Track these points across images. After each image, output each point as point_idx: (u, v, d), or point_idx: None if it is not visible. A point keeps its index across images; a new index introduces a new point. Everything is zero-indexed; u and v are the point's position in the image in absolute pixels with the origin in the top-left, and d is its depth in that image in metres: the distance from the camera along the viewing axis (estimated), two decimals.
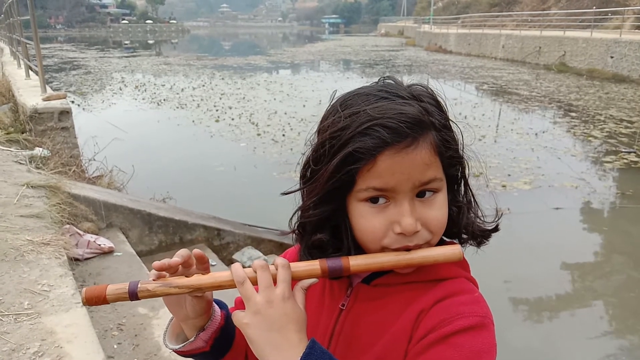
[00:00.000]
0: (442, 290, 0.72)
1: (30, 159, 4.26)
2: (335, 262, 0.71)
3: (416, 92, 0.73)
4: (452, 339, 0.66)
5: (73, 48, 39.31)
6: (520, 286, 4.23)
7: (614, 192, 6.41)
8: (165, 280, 0.72)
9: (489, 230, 0.79)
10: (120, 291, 0.71)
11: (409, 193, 0.69)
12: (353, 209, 0.73)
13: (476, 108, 11.91)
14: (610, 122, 10.05)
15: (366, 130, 0.67)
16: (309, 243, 0.76)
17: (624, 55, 16.59)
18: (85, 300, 0.71)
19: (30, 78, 7.20)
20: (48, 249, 2.63)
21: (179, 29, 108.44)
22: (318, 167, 0.73)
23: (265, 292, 0.67)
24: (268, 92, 14.30)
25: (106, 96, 14.14)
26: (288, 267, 0.69)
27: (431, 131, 0.70)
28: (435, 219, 0.71)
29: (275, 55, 31.57)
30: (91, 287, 0.72)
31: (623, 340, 3.57)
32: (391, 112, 0.68)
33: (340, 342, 0.78)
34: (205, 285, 0.72)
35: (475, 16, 35.04)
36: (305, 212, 0.76)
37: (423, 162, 0.69)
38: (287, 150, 8.05)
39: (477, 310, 0.69)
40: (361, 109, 0.69)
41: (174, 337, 0.82)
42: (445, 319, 0.68)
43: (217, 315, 0.82)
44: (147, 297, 0.71)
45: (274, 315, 0.66)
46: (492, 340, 0.68)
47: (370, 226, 0.71)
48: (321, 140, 0.73)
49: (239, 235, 4.33)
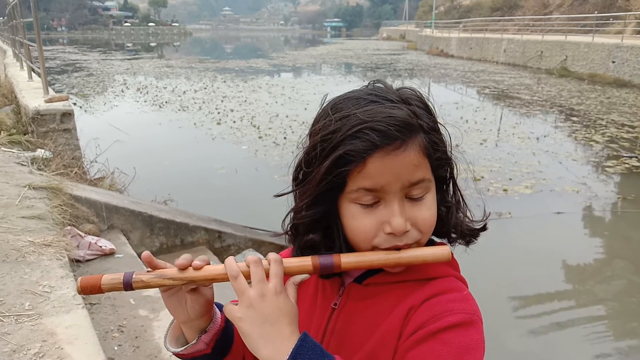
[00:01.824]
0: (431, 288, 0.74)
1: (32, 160, 4.27)
2: (327, 259, 0.72)
3: (405, 96, 0.75)
4: (441, 335, 0.67)
5: (75, 50, 39.44)
6: (520, 290, 4.22)
7: (615, 197, 6.39)
8: (160, 271, 0.73)
9: (477, 230, 0.81)
10: (115, 281, 0.72)
11: (398, 193, 0.71)
12: (344, 210, 0.74)
13: (477, 112, 11.91)
14: (612, 127, 10.04)
15: (356, 134, 0.69)
16: (301, 244, 0.78)
17: (626, 60, 16.60)
18: (80, 289, 0.72)
19: (32, 80, 7.22)
20: (49, 250, 2.63)
21: (181, 32, 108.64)
22: (310, 170, 0.74)
23: (258, 286, 0.68)
24: (270, 95, 14.33)
25: (108, 98, 14.17)
26: (280, 262, 0.71)
27: (419, 134, 0.72)
28: (424, 219, 0.73)
29: (277, 59, 31.62)
30: (86, 276, 0.73)
31: (623, 344, 3.56)
32: (380, 116, 0.70)
33: (332, 340, 0.79)
34: (199, 277, 0.72)
35: (476, 20, 35.10)
36: (297, 214, 0.78)
37: (412, 164, 0.70)
38: (288, 153, 8.05)
39: (466, 308, 0.70)
40: (351, 113, 0.71)
41: (175, 340, 0.82)
42: (434, 316, 0.69)
43: (218, 317, 0.82)
44: (141, 287, 0.72)
45: (266, 308, 0.67)
46: (480, 337, 0.69)
47: (361, 226, 0.72)
48: (313, 143, 0.74)
49: (239, 237, 4.33)
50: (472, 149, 8.20)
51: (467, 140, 8.70)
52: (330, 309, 0.81)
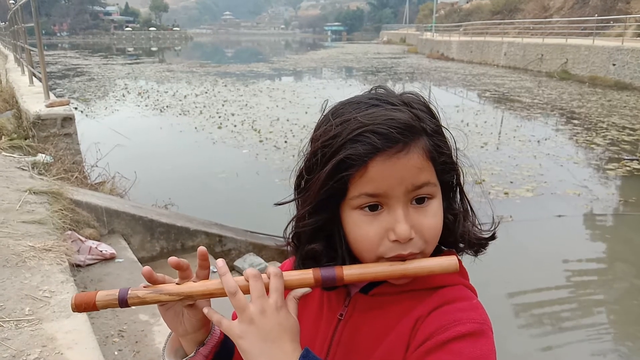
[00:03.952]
0: (439, 297, 0.72)
1: (32, 165, 4.27)
2: (329, 272, 0.70)
3: (407, 99, 0.73)
4: (450, 346, 0.65)
5: (77, 55, 39.54)
6: (521, 293, 4.21)
7: (616, 200, 6.38)
8: (156, 287, 0.71)
9: (486, 239, 0.79)
10: (109, 297, 0.70)
11: (402, 198, 0.69)
12: (347, 218, 0.72)
13: (478, 115, 11.91)
14: (613, 130, 10.03)
15: (357, 137, 0.67)
16: (303, 253, 0.76)
17: (626, 63, 16.60)
18: (75, 306, 0.70)
19: (33, 85, 7.24)
20: (50, 255, 2.62)
21: (182, 36, 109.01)
22: (311, 176, 0.73)
23: (259, 301, 0.66)
24: (270, 99, 14.34)
25: (109, 103, 14.20)
26: (281, 276, 0.69)
27: (422, 136, 0.70)
28: (429, 227, 0.71)
29: (277, 63, 31.68)
30: (80, 293, 0.71)
31: (626, 348, 3.54)
32: (381, 118, 0.68)
33: (338, 352, 0.78)
34: (196, 293, 0.71)
35: (477, 24, 35.15)
36: (299, 222, 0.76)
37: (415, 167, 0.68)
38: (289, 157, 8.05)
39: (475, 317, 0.68)
40: (352, 117, 0.70)
41: (173, 353, 0.82)
42: (442, 326, 0.67)
43: (217, 330, 0.81)
44: (137, 304, 0.70)
45: (267, 325, 0.65)
46: (491, 347, 0.67)
47: (365, 234, 0.70)
48: (313, 149, 0.73)
49: (240, 242, 4.33)
50: (473, 152, 8.19)
51: (467, 142, 8.69)
52: (336, 319, 0.79)
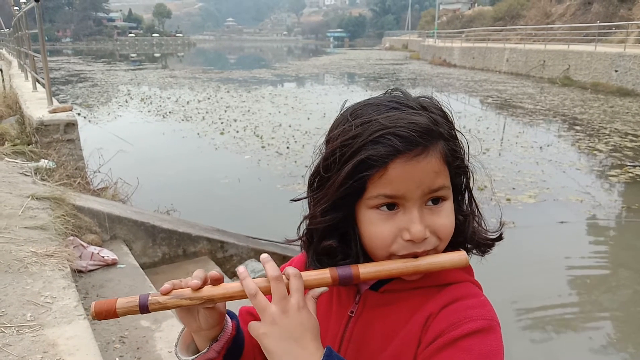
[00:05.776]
0: (449, 294, 0.74)
1: (35, 170, 4.28)
2: (345, 270, 0.72)
3: (424, 104, 0.76)
4: (461, 342, 0.67)
5: (80, 61, 39.75)
6: (524, 300, 4.19)
7: (619, 206, 6.36)
8: (176, 292, 0.72)
9: (493, 240, 0.81)
10: (130, 304, 0.70)
11: (418, 200, 0.71)
12: (362, 216, 0.74)
13: (480, 121, 11.92)
14: (615, 136, 10.02)
15: (378, 139, 0.69)
16: (317, 249, 0.77)
17: (629, 69, 16.60)
18: (95, 314, 0.70)
19: (37, 90, 7.27)
20: (52, 260, 2.62)
21: (185, 43, 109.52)
22: (328, 175, 0.74)
23: (281, 302, 0.68)
24: (273, 105, 14.38)
25: (112, 108, 14.25)
26: (300, 276, 0.70)
27: (440, 141, 0.72)
28: (443, 226, 0.73)
29: (280, 69, 31.78)
30: (100, 301, 0.71)
31: (628, 354, 3.52)
32: (403, 122, 0.70)
33: (349, 349, 0.79)
34: (217, 296, 0.72)
35: (479, 30, 35.24)
36: (313, 220, 0.77)
37: (433, 170, 0.71)
38: (291, 163, 8.06)
39: (485, 314, 0.71)
40: (373, 118, 0.71)
41: (185, 348, 0.83)
42: (453, 323, 0.69)
43: (229, 326, 0.82)
44: (158, 309, 0.71)
45: (290, 324, 0.67)
46: (500, 343, 0.70)
47: (379, 233, 0.72)
48: (331, 148, 0.74)
49: (242, 247, 4.32)
50: (475, 158, 8.18)
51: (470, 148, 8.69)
52: (347, 316, 0.81)
